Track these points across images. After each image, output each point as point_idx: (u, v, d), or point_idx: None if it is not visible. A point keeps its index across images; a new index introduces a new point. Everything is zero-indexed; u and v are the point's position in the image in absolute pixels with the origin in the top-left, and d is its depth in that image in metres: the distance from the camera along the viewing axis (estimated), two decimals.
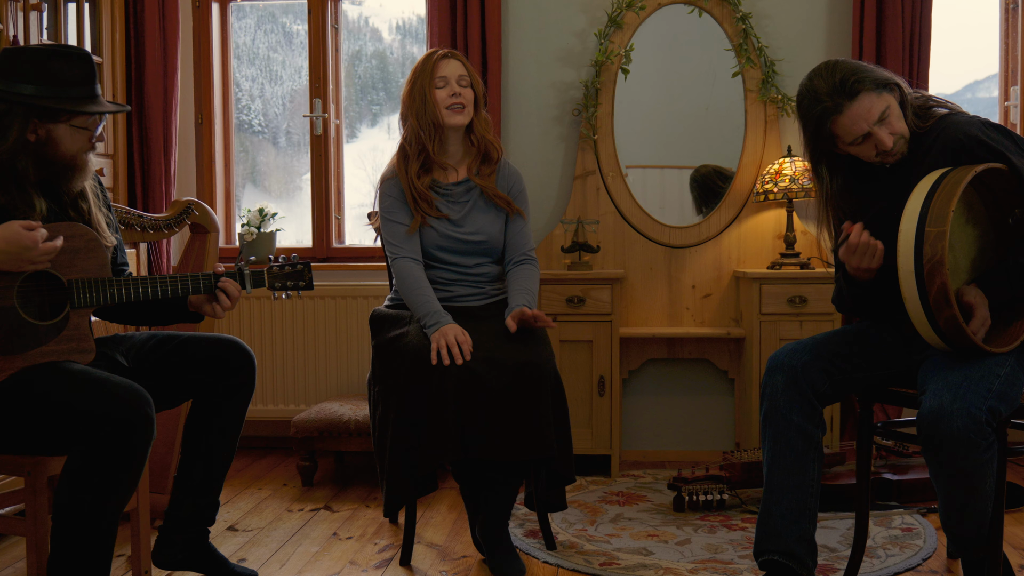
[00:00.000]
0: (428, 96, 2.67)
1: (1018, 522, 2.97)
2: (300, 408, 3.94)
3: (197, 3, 4.10)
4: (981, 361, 2.06)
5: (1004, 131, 2.15)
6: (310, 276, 2.45)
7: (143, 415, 2.01)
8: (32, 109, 2.10)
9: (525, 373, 2.47)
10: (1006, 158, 2.08)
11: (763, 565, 2.21)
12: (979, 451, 1.96)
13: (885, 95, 2.16)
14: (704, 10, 3.79)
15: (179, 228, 3.07)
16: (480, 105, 2.75)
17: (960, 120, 2.16)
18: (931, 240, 1.97)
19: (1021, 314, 2.15)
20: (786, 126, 3.82)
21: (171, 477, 2.92)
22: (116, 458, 1.99)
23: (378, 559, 2.72)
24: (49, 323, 2.10)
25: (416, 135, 2.70)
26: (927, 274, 1.98)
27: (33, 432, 2.04)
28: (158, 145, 3.87)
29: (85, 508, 1.99)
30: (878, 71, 2.18)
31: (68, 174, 2.19)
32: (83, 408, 1.98)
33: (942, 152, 2.14)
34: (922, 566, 2.59)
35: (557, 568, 2.62)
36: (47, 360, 2.08)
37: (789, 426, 2.19)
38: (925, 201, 2.01)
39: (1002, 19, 3.93)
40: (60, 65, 2.12)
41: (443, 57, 2.71)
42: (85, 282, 2.14)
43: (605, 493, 3.34)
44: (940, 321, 2.01)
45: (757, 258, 3.82)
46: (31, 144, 2.11)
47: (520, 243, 2.78)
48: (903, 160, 2.22)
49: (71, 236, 2.13)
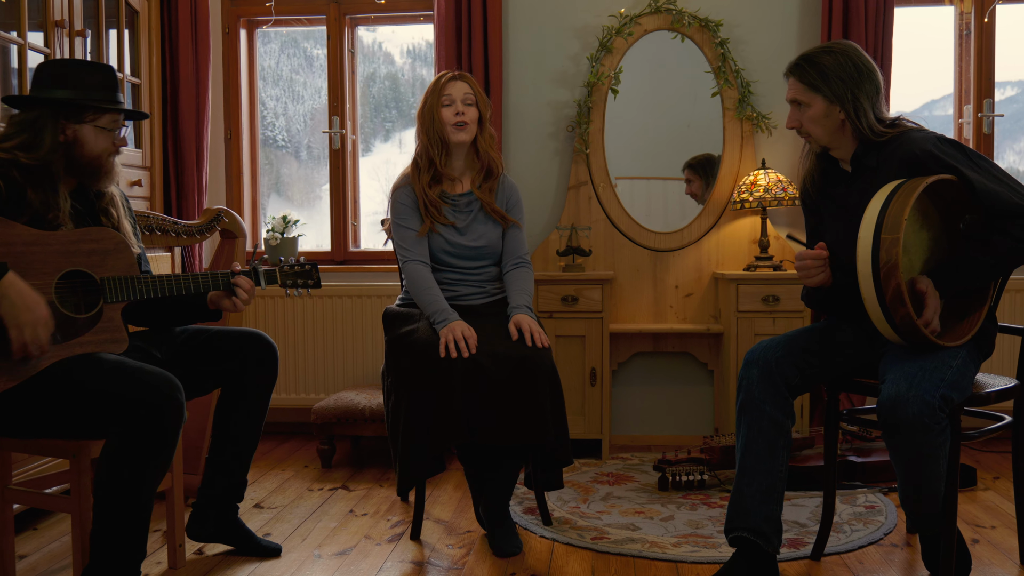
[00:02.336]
0: (436, 114, 2.68)
1: (970, 500, 2.97)
2: (320, 397, 3.94)
3: (226, 29, 4.10)
4: (935, 354, 2.07)
5: (957, 145, 2.15)
6: (318, 275, 2.47)
7: (174, 400, 2.02)
8: (59, 111, 2.11)
9: (525, 365, 2.47)
10: (957, 170, 2.08)
11: (733, 541, 2.21)
12: (933, 434, 1.97)
13: (817, 96, 2.21)
14: (686, 36, 3.79)
15: (210, 234, 3.07)
16: (485, 123, 2.75)
17: (917, 136, 2.17)
18: (886, 246, 1.99)
19: (970, 312, 2.16)
20: (761, 141, 3.82)
21: (203, 459, 2.92)
22: (150, 440, 2.00)
23: (390, 534, 2.72)
24: (85, 316, 2.10)
25: (426, 149, 2.71)
26: (883, 277, 1.99)
27: (73, 416, 2.04)
28: (191, 158, 3.87)
29: (123, 485, 2.00)
30: (844, 83, 2.18)
31: (95, 175, 2.20)
32: (119, 394, 1.99)
33: (900, 163, 2.15)
34: (884, 540, 2.60)
35: (553, 542, 2.62)
36: (85, 350, 2.08)
37: (763, 416, 2.19)
38: (881, 210, 2.02)
39: (956, 44, 3.94)
40: (84, 73, 2.15)
41: (451, 79, 2.71)
42: (116, 279, 2.14)
43: (596, 474, 3.34)
44: (896, 319, 2.02)
45: (734, 261, 3.82)
46: (62, 146, 2.13)
47: (516, 248, 2.79)
48: (863, 166, 2.24)
49: (101, 239, 2.14)
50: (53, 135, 2.11)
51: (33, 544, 2.63)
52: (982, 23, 3.82)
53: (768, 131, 3.80)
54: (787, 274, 3.54)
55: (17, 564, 2.43)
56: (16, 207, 2.06)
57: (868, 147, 2.23)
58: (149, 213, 2.93)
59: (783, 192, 3.56)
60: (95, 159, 2.17)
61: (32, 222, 2.07)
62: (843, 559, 2.45)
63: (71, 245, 2.09)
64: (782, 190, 3.57)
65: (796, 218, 3.84)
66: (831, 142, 2.27)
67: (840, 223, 2.27)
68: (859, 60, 2.22)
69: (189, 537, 2.50)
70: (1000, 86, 3.91)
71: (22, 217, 2.06)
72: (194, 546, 2.57)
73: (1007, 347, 3.59)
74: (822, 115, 2.22)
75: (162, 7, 3.85)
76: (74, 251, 2.09)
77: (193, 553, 2.53)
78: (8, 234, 2.01)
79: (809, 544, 2.52)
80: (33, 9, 2.99)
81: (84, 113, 2.14)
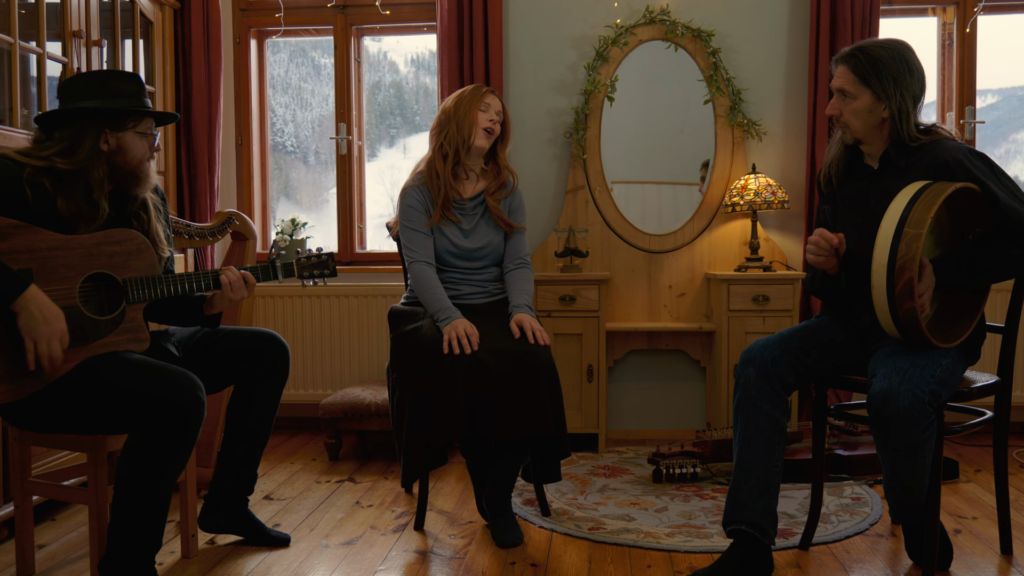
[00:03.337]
0: (471, 113, 2.69)
1: (953, 492, 2.97)
2: (327, 392, 3.94)
3: (237, 39, 4.10)
4: (926, 352, 2.06)
5: (985, 159, 2.14)
6: (334, 265, 2.47)
7: (196, 399, 2.02)
8: (103, 121, 2.10)
9: (525, 362, 2.47)
10: (983, 183, 2.08)
11: (731, 534, 2.20)
12: (921, 428, 1.96)
13: (866, 91, 2.16)
14: (680, 45, 3.79)
15: (222, 236, 3.07)
16: (506, 140, 2.80)
17: (950, 145, 2.15)
18: (907, 240, 1.96)
19: (964, 317, 2.16)
20: (751, 147, 3.82)
21: (215, 453, 2.92)
22: (172, 436, 2.00)
23: (395, 524, 2.72)
24: (108, 317, 2.10)
25: (455, 139, 2.71)
26: (898, 269, 1.97)
27: (98, 414, 2.03)
28: (203, 163, 3.87)
29: (144, 479, 2.00)
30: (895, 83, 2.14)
31: (134, 181, 2.18)
32: (144, 392, 1.99)
33: (929, 168, 2.13)
34: (869, 530, 2.60)
35: (551, 532, 2.62)
36: (108, 350, 2.08)
37: (759, 413, 2.19)
38: (907, 206, 1.99)
39: (939, 53, 3.94)
40: (116, 82, 2.14)
41: (492, 92, 2.76)
42: (138, 280, 2.14)
43: (593, 467, 3.34)
44: (900, 312, 2.00)
45: (726, 262, 3.82)
46: (104, 154, 2.11)
47: (518, 249, 2.79)
48: (892, 165, 2.21)
49: (123, 240, 2.14)
50: (94, 143, 2.09)
51: (52, 534, 2.63)
52: (964, 33, 3.82)
53: (758, 137, 3.80)
54: (776, 275, 3.53)
55: (36, 553, 2.44)
56: (45, 214, 2.04)
57: (900, 148, 2.20)
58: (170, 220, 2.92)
59: (773, 196, 3.56)
60: (137, 165, 2.16)
61: (61, 227, 2.06)
62: (830, 548, 2.45)
63: (94, 248, 2.09)
64: (772, 194, 3.56)
65: (786, 221, 3.84)
66: (866, 136, 2.22)
67: (856, 216, 2.25)
68: (912, 61, 2.17)
69: (201, 528, 2.50)
70: (981, 94, 3.91)
71: (51, 223, 2.04)
72: (206, 536, 2.57)
73: (988, 345, 3.59)
74: (866, 109, 2.17)
75: (176, 18, 3.85)
76: (97, 253, 2.09)
77: (205, 543, 2.53)
78: (33, 240, 2.00)
79: (798, 534, 2.52)
80: (51, 20, 2.99)
81: (127, 120, 2.12)
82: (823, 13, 3.62)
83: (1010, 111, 4.15)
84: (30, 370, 1.96)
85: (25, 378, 1.97)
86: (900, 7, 3.88)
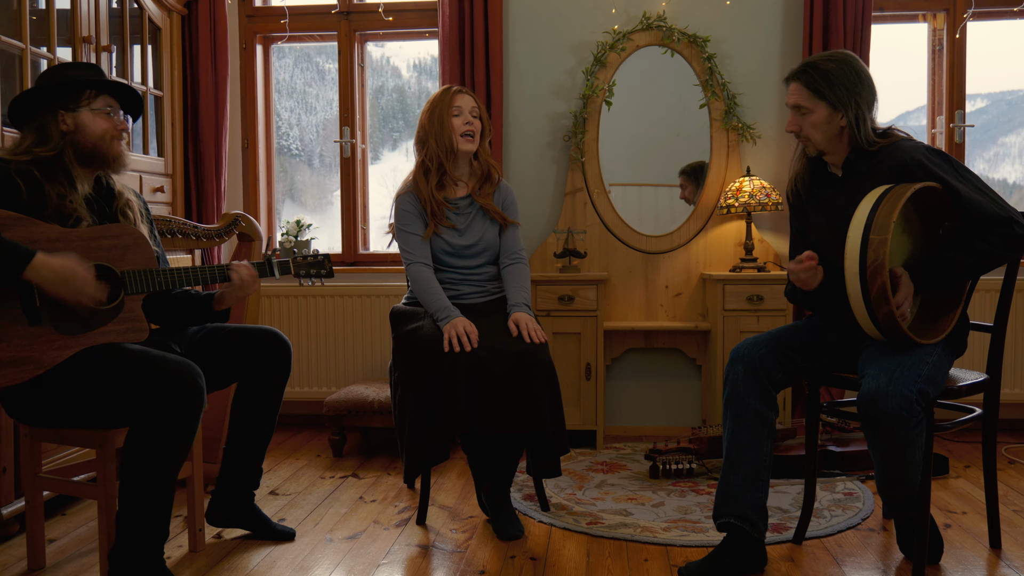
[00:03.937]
0: (445, 122, 2.68)
1: (943, 487, 2.97)
2: (331, 390, 3.93)
3: (243, 45, 4.10)
4: (912, 351, 2.06)
5: (944, 156, 2.14)
6: (331, 265, 2.46)
7: (196, 385, 2.01)
8: (57, 104, 2.10)
9: (524, 359, 2.47)
10: (943, 179, 2.07)
11: (721, 527, 2.20)
12: (910, 427, 1.96)
13: (820, 103, 2.16)
14: (676, 51, 3.79)
15: (228, 237, 3.07)
16: (486, 134, 2.75)
17: (907, 145, 2.15)
18: (874, 246, 1.97)
19: (946, 311, 2.16)
20: (746, 150, 3.82)
21: (221, 449, 2.92)
22: (174, 423, 2.00)
23: (398, 519, 2.72)
24: (107, 307, 2.10)
25: (435, 154, 2.70)
26: (869, 275, 1.98)
27: (100, 403, 2.03)
28: (210, 166, 3.87)
29: (148, 466, 2.00)
30: (848, 92, 2.14)
31: (104, 160, 2.17)
32: (145, 380, 1.98)
33: (890, 170, 2.13)
34: (861, 525, 2.59)
35: (551, 526, 2.62)
36: (108, 340, 2.07)
37: (747, 409, 2.19)
38: (870, 212, 2.00)
39: (929, 59, 3.93)
40: (68, 70, 2.15)
41: (459, 92, 2.72)
42: (136, 272, 2.13)
43: (591, 463, 3.34)
44: (879, 316, 2.01)
45: (721, 262, 3.82)
46: (68, 135, 2.12)
47: (512, 245, 2.78)
48: (855, 171, 2.21)
49: (120, 235, 2.14)
50: (56, 127, 2.11)
51: (62, 528, 2.63)
52: (954, 39, 3.82)
53: (753, 140, 3.80)
54: (771, 275, 3.53)
55: (47, 547, 2.43)
56: (38, 204, 2.05)
57: (860, 154, 2.20)
58: (171, 217, 2.92)
59: (767, 198, 3.56)
60: (98, 142, 2.14)
61: (54, 216, 2.07)
62: (823, 543, 2.45)
63: (92, 241, 2.09)
64: (766, 196, 3.56)
65: (779, 223, 3.84)
66: (828, 147, 2.23)
67: (827, 224, 2.26)
68: (860, 69, 2.18)
69: (208, 522, 2.50)
70: (971, 98, 3.91)
71: (45, 211, 2.05)
72: (213, 531, 2.57)
73: (977, 344, 3.59)
74: (824, 121, 2.18)
75: (183, 24, 3.85)
76: (95, 247, 2.09)
77: (212, 537, 2.53)
78: (32, 232, 2.01)
79: (791, 529, 2.52)
80: (62, 26, 2.99)
81: (79, 98, 2.12)
82: (816, 20, 3.62)
83: (999, 115, 4.15)
84: (83, 315, 2.03)
85: (24, 363, 1.98)
86: (891, 14, 3.88)
